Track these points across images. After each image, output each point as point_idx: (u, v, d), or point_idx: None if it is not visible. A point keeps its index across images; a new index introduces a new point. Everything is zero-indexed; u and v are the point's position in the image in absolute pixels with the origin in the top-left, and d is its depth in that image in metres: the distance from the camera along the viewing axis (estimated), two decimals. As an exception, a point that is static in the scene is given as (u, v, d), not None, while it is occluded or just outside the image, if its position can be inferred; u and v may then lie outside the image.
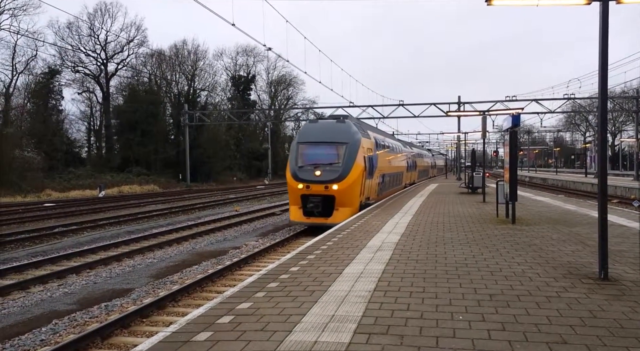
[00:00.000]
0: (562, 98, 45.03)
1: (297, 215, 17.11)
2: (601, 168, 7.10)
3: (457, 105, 45.48)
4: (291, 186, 17.09)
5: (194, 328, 4.91)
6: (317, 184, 16.59)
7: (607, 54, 6.76)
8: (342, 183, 16.46)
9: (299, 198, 16.91)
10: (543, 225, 12.35)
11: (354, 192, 16.98)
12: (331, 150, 17.21)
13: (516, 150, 13.48)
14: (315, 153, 17.27)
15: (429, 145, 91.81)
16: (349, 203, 16.79)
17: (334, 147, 17.25)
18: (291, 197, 17.40)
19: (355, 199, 17.19)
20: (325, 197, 16.52)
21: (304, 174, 16.84)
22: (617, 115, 74.99)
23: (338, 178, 16.45)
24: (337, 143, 17.29)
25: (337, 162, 16.92)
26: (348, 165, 16.71)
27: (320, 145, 17.50)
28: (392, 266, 7.58)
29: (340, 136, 17.48)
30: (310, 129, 18.61)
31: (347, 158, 16.82)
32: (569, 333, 4.66)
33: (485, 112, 28.08)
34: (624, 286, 6.38)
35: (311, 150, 17.41)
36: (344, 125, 18.20)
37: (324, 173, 16.65)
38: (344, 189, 16.52)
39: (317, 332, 4.72)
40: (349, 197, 16.73)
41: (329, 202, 16.57)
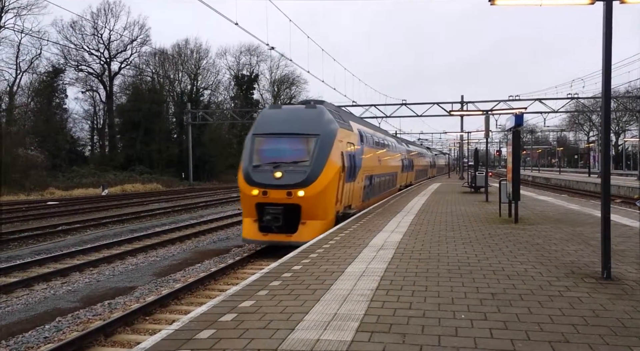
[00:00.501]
0: (566, 98, 44.90)
1: (251, 231, 13.07)
2: (604, 168, 7.09)
3: (460, 105, 45.41)
4: (243, 192, 13.22)
5: (196, 326, 4.93)
6: (278, 189, 12.63)
7: (610, 53, 6.75)
8: (310, 188, 12.56)
9: (254, 208, 12.93)
10: (546, 225, 12.34)
11: (327, 199, 13.12)
12: (297, 144, 13.32)
13: (519, 150, 13.46)
14: (276, 149, 13.35)
15: (432, 144, 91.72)
16: (320, 215, 12.93)
17: (301, 140, 13.31)
18: (244, 207, 13.53)
19: (329, 209, 13.33)
20: (288, 207, 12.60)
21: (260, 176, 12.85)
22: (621, 115, 74.74)
23: (305, 181, 12.57)
24: (304, 135, 13.33)
25: (304, 160, 13.05)
26: (319, 164, 12.85)
27: (282, 138, 13.47)
28: (395, 265, 7.58)
29: (309, 126, 13.50)
30: (270, 117, 14.40)
31: (318, 155, 12.94)
32: (572, 332, 4.66)
33: (489, 112, 28.06)
34: (626, 285, 6.37)
35: (270, 145, 13.47)
36: (315, 111, 14.11)
37: (287, 175, 12.72)
38: (313, 196, 12.60)
39: (319, 330, 4.73)
40: (319, 206, 12.87)
41: (292, 213, 12.65)
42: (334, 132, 13.68)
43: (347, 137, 15.23)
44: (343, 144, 14.35)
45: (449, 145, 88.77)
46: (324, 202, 13.06)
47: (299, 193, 12.58)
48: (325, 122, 13.77)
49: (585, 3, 6.89)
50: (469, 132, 45.99)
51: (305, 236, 12.11)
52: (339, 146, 13.87)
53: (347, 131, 15.51)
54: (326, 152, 13.13)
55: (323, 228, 12.51)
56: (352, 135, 16.04)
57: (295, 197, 12.61)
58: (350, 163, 14.92)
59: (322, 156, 13.02)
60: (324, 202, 13.05)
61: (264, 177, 12.84)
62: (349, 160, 14.88)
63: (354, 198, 16.21)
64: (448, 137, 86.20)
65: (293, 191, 12.60)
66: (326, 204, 13.16)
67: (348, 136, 15.38)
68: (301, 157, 13.15)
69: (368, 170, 18.30)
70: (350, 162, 14.96)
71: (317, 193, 12.70)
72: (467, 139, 49.60)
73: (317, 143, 13.12)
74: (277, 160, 13.08)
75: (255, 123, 14.56)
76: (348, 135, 15.43)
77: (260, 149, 13.46)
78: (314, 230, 12.39)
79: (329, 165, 13.05)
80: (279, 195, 12.63)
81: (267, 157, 13.30)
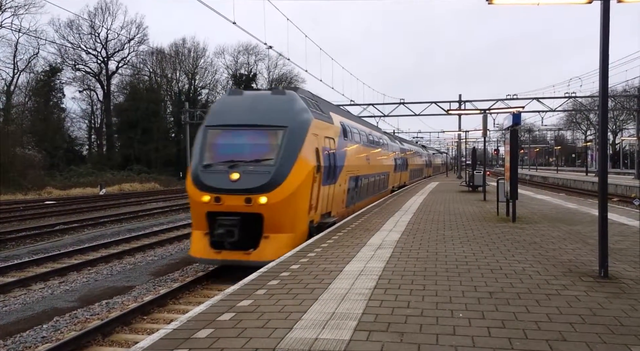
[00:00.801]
0: (563, 97, 44.91)
1: (201, 248, 10.60)
2: (602, 166, 7.11)
3: (458, 104, 45.44)
4: (192, 198, 10.84)
5: (194, 326, 4.93)
6: (234, 195, 10.24)
7: (607, 52, 6.76)
8: (275, 192, 10.24)
9: (204, 219, 10.53)
10: (543, 224, 12.36)
11: (297, 206, 10.75)
12: (259, 138, 10.96)
13: (517, 149, 13.48)
14: (233, 144, 11.05)
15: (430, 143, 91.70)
16: (288, 226, 10.57)
17: (264, 133, 10.95)
18: (193, 216, 11.13)
19: (299, 218, 10.92)
20: (247, 217, 10.25)
21: (212, 178, 10.50)
22: (618, 114, 74.97)
23: (268, 184, 10.24)
24: (269, 127, 10.96)
25: (267, 157, 10.66)
26: (287, 163, 10.57)
27: (241, 130, 11.13)
28: (393, 264, 7.59)
29: (276, 116, 11.14)
30: (228, 105, 11.84)
31: (286, 152, 10.67)
32: (569, 331, 4.67)
33: (486, 111, 28.05)
34: (623, 284, 6.39)
35: (226, 139, 11.14)
36: (284, 98, 11.66)
37: (246, 176, 10.37)
38: (278, 203, 10.24)
39: (317, 329, 4.73)
40: (287, 216, 10.51)
41: (253, 224, 10.33)
42: (306, 123, 11.38)
43: (325, 131, 12.85)
44: (319, 139, 12.03)
45: (446, 144, 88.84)
46: (293, 210, 10.64)
47: (261, 199, 10.15)
48: (296, 112, 11.43)
49: (583, 2, 6.89)
50: (466, 131, 46.02)
51: (267, 254, 9.91)
52: (314, 141, 11.56)
53: (326, 123, 13.09)
54: (296, 147, 10.79)
55: (292, 243, 10.27)
56: (332, 129, 13.70)
57: (256, 204, 10.18)
58: (329, 162, 12.58)
59: (290, 153, 10.68)
60: (293, 210, 10.63)
61: (216, 179, 10.47)
62: (328, 158, 12.53)
63: (335, 204, 13.75)
64: (446, 136, 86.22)
65: (253, 197, 10.17)
66: (295, 213, 10.74)
67: (326, 129, 13.02)
68: (264, 154, 10.74)
69: (353, 170, 15.94)
70: (329, 161, 12.61)
71: (283, 199, 10.30)
72: (464, 138, 49.65)
73: (284, 137, 10.78)
74: (234, 158, 10.68)
75: (210, 112, 12.06)
76: (327, 128, 13.08)
77: (214, 145, 11.08)
78: (279, 245, 10.13)
79: (299, 164, 10.69)
80: (235, 202, 10.25)
81: (221, 154, 10.89)
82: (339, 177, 13.80)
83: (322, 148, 12.18)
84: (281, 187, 10.31)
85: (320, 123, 12.48)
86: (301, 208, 10.98)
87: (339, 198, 14.20)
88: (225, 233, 10.13)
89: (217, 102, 13.30)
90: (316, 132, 11.82)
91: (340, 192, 14.24)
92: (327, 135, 12.98)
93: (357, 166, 16.83)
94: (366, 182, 18.59)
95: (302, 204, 11.00)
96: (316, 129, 11.85)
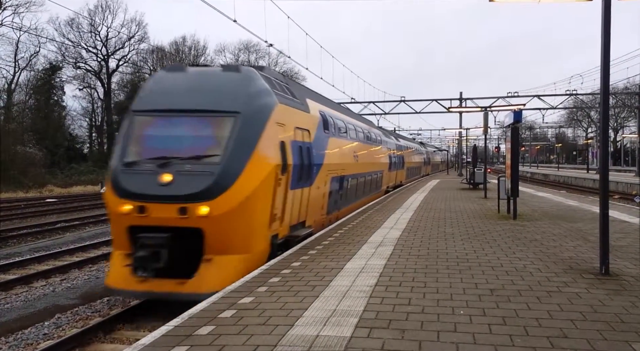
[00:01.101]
0: (564, 94, 44.92)
1: (119, 275, 7.95)
2: (603, 164, 7.11)
3: (458, 102, 45.41)
4: (109, 207, 8.30)
5: (196, 322, 4.94)
6: (164, 203, 7.71)
7: (609, 49, 6.76)
8: (220, 200, 7.72)
9: (126, 235, 7.98)
10: (544, 221, 12.36)
11: (252, 217, 8.18)
12: (201, 127, 8.42)
13: (518, 146, 13.48)
14: (165, 136, 8.43)
15: (430, 141, 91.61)
16: (239, 245, 8.02)
17: (208, 121, 8.45)
18: (113, 232, 8.53)
19: (256, 233, 8.37)
20: (181, 234, 7.75)
21: (134, 181, 7.95)
22: (619, 111, 74.82)
23: (211, 189, 7.73)
24: (214, 113, 8.44)
25: (211, 153, 8.11)
26: (237, 160, 8.02)
27: (177, 117, 8.57)
28: (394, 262, 7.60)
29: (225, 99, 8.56)
30: (164, 85, 9.22)
31: (237, 146, 8.10)
32: (570, 328, 4.68)
33: (487, 108, 28.04)
34: (624, 281, 6.40)
35: (156, 129, 8.53)
36: (238, 77, 9.03)
37: (181, 179, 7.82)
38: (225, 214, 7.75)
39: (318, 326, 4.74)
40: (237, 231, 7.97)
41: (189, 244, 7.81)
42: (266, 109, 8.82)
43: (297, 120, 10.33)
44: (287, 130, 9.52)
45: (447, 142, 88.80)
46: (246, 223, 8.02)
47: (201, 209, 7.60)
48: (253, 94, 8.82)
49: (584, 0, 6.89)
50: (467, 129, 46.06)
51: (209, 283, 7.36)
52: (278, 132, 9.04)
53: (297, 111, 10.59)
54: (251, 140, 8.25)
55: (244, 267, 7.73)
56: (306, 119, 11.23)
57: (194, 215, 7.59)
58: (301, 160, 10.13)
59: (243, 147, 8.12)
60: (246, 222, 8.01)
61: (141, 182, 7.86)
62: (300, 155, 10.11)
63: (311, 211, 11.26)
64: (447, 134, 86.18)
65: (190, 206, 7.58)
66: (250, 226, 8.13)
67: (299, 119, 10.53)
68: (207, 149, 8.14)
69: (336, 169, 13.39)
70: (301, 158, 10.16)
71: (232, 208, 7.72)
72: (465, 136, 49.65)
73: (236, 127, 8.19)
74: (166, 153, 8.05)
75: (139, 93, 9.44)
76: (299, 117, 10.63)
77: (140, 136, 8.48)
78: (226, 271, 7.60)
79: (255, 161, 8.14)
80: (165, 213, 7.62)
81: (149, 149, 8.24)
82: (316, 177, 11.35)
83: (292, 142, 9.69)
84: (229, 193, 7.76)
85: (289, 110, 9.99)
86: (258, 220, 8.34)
87: (316, 204, 11.73)
88: (148, 257, 7.44)
89: (150, 79, 10.50)
90: (282, 120, 9.31)
91: (318, 196, 11.80)
92: (299, 125, 10.47)
93: (343, 165, 14.33)
94: (354, 183, 16.27)
95: (260, 214, 8.37)
96: (282, 117, 9.33)
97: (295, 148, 9.96)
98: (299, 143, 10.24)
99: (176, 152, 8.14)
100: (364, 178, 17.79)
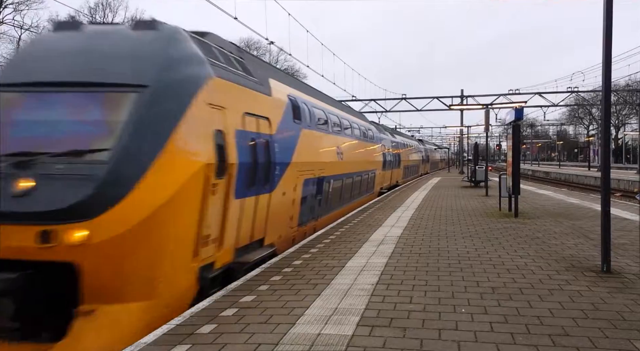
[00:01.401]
0: (566, 92, 44.91)
1: None
2: (604, 161, 7.10)
3: (460, 99, 45.37)
4: None
5: (197, 321, 4.95)
6: (16, 225, 5.17)
7: (611, 46, 6.74)
8: (106, 218, 5.18)
9: None
10: (546, 219, 12.35)
11: (161, 245, 5.59)
12: (82, 108, 5.82)
13: (519, 144, 13.47)
14: (29, 121, 5.89)
15: (432, 138, 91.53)
16: (137, 288, 5.45)
17: (94, 98, 5.86)
18: None
19: (168, 268, 5.71)
20: (43, 270, 5.21)
21: None
22: (621, 109, 74.64)
23: (90, 202, 5.17)
24: (105, 86, 5.87)
25: (96, 146, 5.55)
26: (136, 157, 5.48)
27: (49, 94, 6.01)
28: (395, 260, 7.60)
29: (124, 67, 5.96)
30: (44, 49, 6.67)
31: (138, 135, 5.57)
32: (571, 326, 4.68)
33: (488, 106, 28.01)
34: (626, 279, 6.39)
35: (17, 111, 5.96)
36: (150, 38, 6.37)
37: (46, 185, 5.29)
38: (114, 240, 5.21)
39: (320, 325, 4.74)
40: (135, 266, 5.41)
41: (54, 287, 5.30)
42: (192, 83, 6.27)
43: (248, 104, 7.74)
44: (228, 115, 6.86)
45: (448, 140, 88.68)
46: (150, 254, 5.54)
47: (74, 234, 5.17)
48: (172, 62, 6.25)
49: (586, -4, 6.86)
50: (468, 127, 46.02)
51: (86, 347, 5.07)
52: (212, 117, 6.47)
53: (250, 92, 7.95)
54: (164, 126, 5.75)
55: (147, 321, 5.31)
56: (266, 103, 8.58)
57: (63, 243, 5.17)
58: (253, 157, 7.62)
59: (149, 137, 5.66)
60: (150, 252, 5.53)
61: None
62: (252, 151, 7.61)
63: (273, 225, 8.68)
64: (448, 132, 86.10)
65: (56, 229, 5.17)
66: (158, 257, 5.63)
67: (251, 102, 7.92)
68: (91, 140, 5.64)
69: (312, 170, 10.93)
70: (254, 155, 7.66)
71: (126, 232, 5.28)
72: (467, 133, 49.60)
73: (139, 107, 5.73)
74: (27, 147, 5.62)
75: (10, 60, 6.07)
76: (252, 100, 8.00)
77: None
78: (117, 330, 5.23)
79: (169, 158, 5.70)
80: (16, 241, 5.20)
81: (5, 139, 5.67)
82: (280, 181, 8.84)
83: (237, 132, 7.10)
84: (121, 207, 5.28)
85: (235, 89, 7.38)
86: (173, 247, 5.78)
87: (281, 215, 9.20)
88: None
89: (29, 41, 7.03)
90: (220, 101, 6.71)
91: (284, 205, 9.30)
92: (254, 111, 7.84)
93: (321, 163, 11.77)
94: (339, 186, 13.74)
95: (176, 238, 5.79)
96: (221, 97, 6.76)
97: (244, 141, 7.31)
98: (250, 135, 7.59)
99: (43, 144, 5.60)
100: (351, 179, 15.46)
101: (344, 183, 14.38)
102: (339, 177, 13.71)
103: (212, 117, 6.51)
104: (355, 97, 45.44)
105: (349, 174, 14.97)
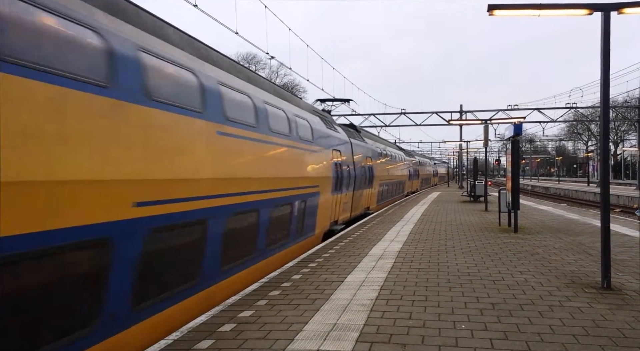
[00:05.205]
0: (564, 107, 45.05)
1: None
2: (603, 177, 7.10)
3: (459, 114, 45.53)
4: None
5: (195, 336, 4.90)
6: None
7: (609, 63, 6.79)
8: None
9: None
10: (545, 234, 12.32)
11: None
12: None
13: (518, 159, 13.48)
14: None
15: (431, 153, 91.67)
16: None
17: None
18: None
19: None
20: None
21: None
22: (619, 125, 74.93)
23: None
24: None
25: None
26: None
27: None
28: (395, 275, 7.56)
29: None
30: None
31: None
32: (572, 343, 4.64)
33: (487, 121, 28.10)
34: (626, 295, 6.36)
35: None
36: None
37: None
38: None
39: (319, 340, 4.71)
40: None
41: None
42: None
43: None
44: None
45: (447, 154, 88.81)
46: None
47: None
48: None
49: (584, 14, 6.93)
50: (467, 141, 46.10)
51: None
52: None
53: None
54: None
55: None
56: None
57: None
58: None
59: None
60: None
61: None
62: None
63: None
64: (447, 146, 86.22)
65: None
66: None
67: (359, 148, 5.97)
68: None
69: None
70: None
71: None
72: (466, 148, 49.67)
73: None
74: None
75: None
76: (360, 146, 6.06)
77: None
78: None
79: None
80: None
81: None
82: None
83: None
84: None
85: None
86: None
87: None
88: None
89: None
90: (355, 151, 5.11)
91: None
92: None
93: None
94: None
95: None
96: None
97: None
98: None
99: None
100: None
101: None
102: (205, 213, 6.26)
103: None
104: (355, 111, 45.62)
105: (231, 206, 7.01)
